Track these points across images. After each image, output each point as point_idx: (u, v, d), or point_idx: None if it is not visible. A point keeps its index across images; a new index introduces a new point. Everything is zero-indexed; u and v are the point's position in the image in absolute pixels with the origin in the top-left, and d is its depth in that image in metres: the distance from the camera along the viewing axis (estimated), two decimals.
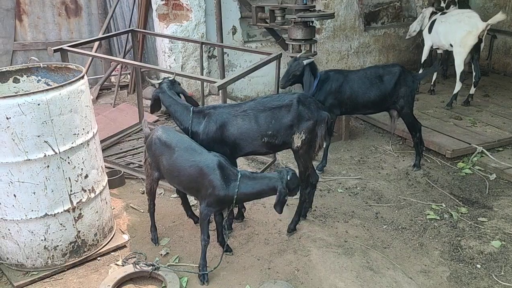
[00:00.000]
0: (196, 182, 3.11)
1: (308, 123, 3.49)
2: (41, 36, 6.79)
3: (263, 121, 3.48)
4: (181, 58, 6.49)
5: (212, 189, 3.03)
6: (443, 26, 6.42)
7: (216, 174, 3.03)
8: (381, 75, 4.75)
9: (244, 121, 3.48)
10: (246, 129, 3.48)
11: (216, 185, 3.03)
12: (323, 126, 3.55)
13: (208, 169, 3.06)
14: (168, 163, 3.22)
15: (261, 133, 3.49)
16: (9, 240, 3.28)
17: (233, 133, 3.48)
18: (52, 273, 3.36)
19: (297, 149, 3.56)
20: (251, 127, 3.48)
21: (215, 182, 3.03)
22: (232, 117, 3.50)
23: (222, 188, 3.03)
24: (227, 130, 3.48)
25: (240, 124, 3.48)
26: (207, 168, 3.06)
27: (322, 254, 3.56)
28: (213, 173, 3.04)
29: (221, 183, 3.02)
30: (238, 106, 3.60)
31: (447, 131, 5.57)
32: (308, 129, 3.50)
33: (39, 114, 2.99)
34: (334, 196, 4.47)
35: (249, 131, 3.48)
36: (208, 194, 3.06)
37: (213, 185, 3.03)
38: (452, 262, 3.51)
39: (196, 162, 3.12)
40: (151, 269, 3.28)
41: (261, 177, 3.16)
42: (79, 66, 3.59)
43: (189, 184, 3.18)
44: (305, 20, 5.36)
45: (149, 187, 3.54)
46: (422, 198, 4.41)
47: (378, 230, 3.91)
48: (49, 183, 3.16)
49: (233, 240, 3.75)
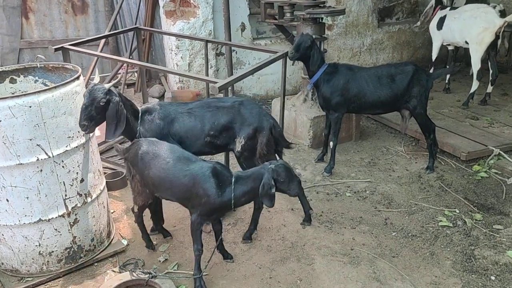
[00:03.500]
0: (190, 192, 2.95)
1: (249, 129, 3.38)
2: (48, 34, 6.73)
3: (207, 121, 3.41)
4: (188, 55, 6.37)
5: (207, 198, 2.88)
6: (457, 22, 6.15)
7: (211, 182, 2.88)
8: (393, 74, 4.56)
9: (189, 119, 3.42)
10: (191, 127, 3.41)
11: (210, 193, 2.88)
12: (264, 133, 3.42)
13: (202, 177, 2.91)
14: (159, 176, 3.03)
15: (204, 132, 3.41)
16: (3, 245, 3.20)
17: (178, 130, 3.41)
18: (48, 279, 3.27)
19: (238, 154, 3.47)
20: (195, 126, 3.41)
21: (210, 190, 2.88)
22: (178, 115, 3.43)
23: (218, 195, 2.87)
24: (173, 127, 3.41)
25: (186, 122, 3.41)
26: (202, 176, 2.91)
27: (326, 263, 3.40)
28: (208, 181, 2.89)
29: (216, 191, 2.87)
30: (185, 104, 3.53)
31: (462, 132, 5.35)
32: (248, 135, 3.39)
33: (30, 117, 2.88)
34: (341, 200, 4.30)
35: (193, 128, 3.41)
36: (203, 203, 2.91)
37: (207, 194, 2.88)
38: (465, 273, 3.31)
39: (190, 171, 2.96)
40: (148, 277, 3.17)
41: (252, 173, 2.96)
42: (75, 66, 3.48)
43: (183, 194, 3.00)
44: (314, 17, 5.17)
45: (142, 204, 3.31)
46: (435, 203, 4.21)
47: (386, 237, 3.73)
48: (42, 188, 3.05)
49: (234, 247, 3.61)
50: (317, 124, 5.32)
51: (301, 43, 4.42)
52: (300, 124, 5.45)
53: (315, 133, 5.35)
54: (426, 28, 6.96)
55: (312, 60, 4.48)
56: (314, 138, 5.37)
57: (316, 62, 4.49)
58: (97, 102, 3.05)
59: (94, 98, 3.04)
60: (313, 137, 5.36)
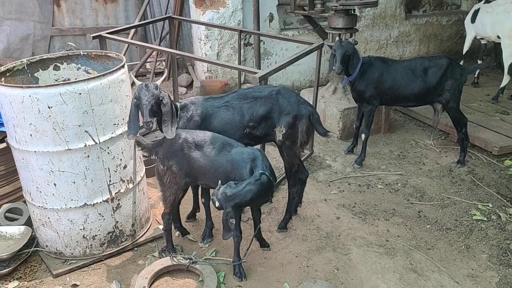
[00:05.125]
0: (229, 177, 3.02)
1: (288, 117, 3.40)
2: (78, 22, 6.81)
3: (245, 112, 3.42)
4: (217, 45, 6.40)
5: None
6: (489, 16, 6.08)
7: (246, 169, 2.95)
8: (427, 67, 4.55)
9: (227, 113, 3.42)
10: (229, 120, 3.41)
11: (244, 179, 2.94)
12: (304, 121, 3.43)
13: (242, 163, 2.98)
14: (206, 163, 3.08)
15: (243, 124, 3.42)
16: (48, 228, 3.29)
17: (216, 125, 3.40)
18: (90, 262, 3.36)
19: (279, 143, 3.48)
20: (233, 118, 3.41)
21: (244, 177, 2.94)
22: (215, 109, 3.43)
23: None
24: (210, 122, 3.40)
25: (223, 115, 3.42)
26: (241, 162, 2.99)
27: (362, 253, 3.45)
28: (244, 168, 2.96)
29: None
30: (220, 98, 3.52)
31: (493, 126, 5.31)
32: (288, 123, 3.40)
33: (80, 104, 2.96)
34: (373, 192, 4.33)
35: (231, 121, 3.41)
36: None
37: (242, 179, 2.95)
38: (501, 267, 3.33)
39: (231, 156, 3.04)
40: (189, 263, 3.24)
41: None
42: (119, 54, 3.54)
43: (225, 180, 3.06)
44: (346, 8, 5.16)
45: (173, 198, 3.24)
46: (467, 197, 4.21)
47: (421, 229, 3.76)
48: (88, 173, 3.14)
49: (270, 235, 3.67)
50: (347, 116, 5.33)
51: (344, 54, 4.39)
52: (329, 115, 5.47)
53: (344, 125, 5.36)
54: (453, 21, 6.88)
55: (352, 64, 4.48)
56: (344, 130, 5.38)
57: (356, 65, 4.50)
58: (157, 98, 3.02)
59: (153, 94, 3.00)
60: (342, 128, 5.37)
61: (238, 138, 3.40)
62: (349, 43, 4.53)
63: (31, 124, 2.93)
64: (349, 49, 4.42)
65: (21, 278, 3.24)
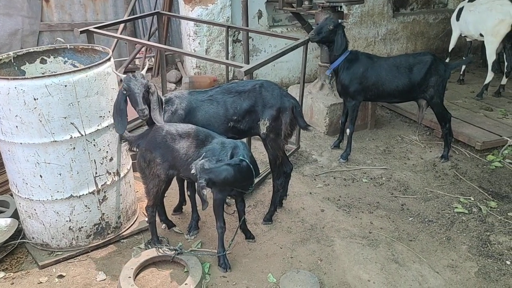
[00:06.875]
0: None
1: (272, 110, 3.45)
2: (67, 17, 6.80)
3: (229, 106, 3.46)
4: (205, 41, 6.44)
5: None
6: (472, 15, 6.18)
7: (227, 156, 3.01)
8: (411, 64, 4.62)
9: (211, 106, 3.46)
10: (213, 114, 3.45)
11: None
12: (287, 113, 3.49)
13: (223, 151, 3.04)
14: (187, 154, 3.12)
15: (227, 118, 3.46)
16: (35, 220, 3.32)
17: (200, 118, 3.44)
18: (76, 254, 3.39)
19: (264, 136, 3.52)
20: (217, 112, 3.46)
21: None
22: (199, 103, 3.47)
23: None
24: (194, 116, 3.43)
25: (207, 109, 3.46)
26: (222, 151, 3.05)
27: (346, 244, 3.51)
28: (225, 156, 3.02)
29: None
30: (205, 92, 3.56)
31: (477, 122, 5.41)
32: (272, 116, 3.45)
33: (66, 96, 2.98)
34: (358, 186, 4.39)
35: (216, 115, 3.46)
36: None
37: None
38: (481, 257, 3.41)
39: (213, 146, 3.09)
40: (174, 254, 3.28)
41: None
42: (105, 48, 3.57)
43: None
44: (333, 5, 5.22)
45: (156, 190, 3.25)
46: (450, 191, 4.30)
47: (403, 222, 3.83)
48: (74, 165, 3.16)
49: (255, 228, 3.72)
50: (334, 111, 5.39)
51: (323, 26, 4.49)
52: (316, 111, 5.53)
53: (331, 120, 5.42)
54: (440, 19, 6.99)
55: (337, 44, 4.53)
56: (330, 125, 5.45)
57: (341, 47, 4.54)
58: (146, 86, 3.11)
59: (142, 83, 3.10)
60: (329, 124, 5.44)
61: (222, 131, 3.44)
62: (332, 18, 4.59)
63: (17, 116, 2.95)
64: (330, 23, 4.48)
65: (7, 270, 3.26)
